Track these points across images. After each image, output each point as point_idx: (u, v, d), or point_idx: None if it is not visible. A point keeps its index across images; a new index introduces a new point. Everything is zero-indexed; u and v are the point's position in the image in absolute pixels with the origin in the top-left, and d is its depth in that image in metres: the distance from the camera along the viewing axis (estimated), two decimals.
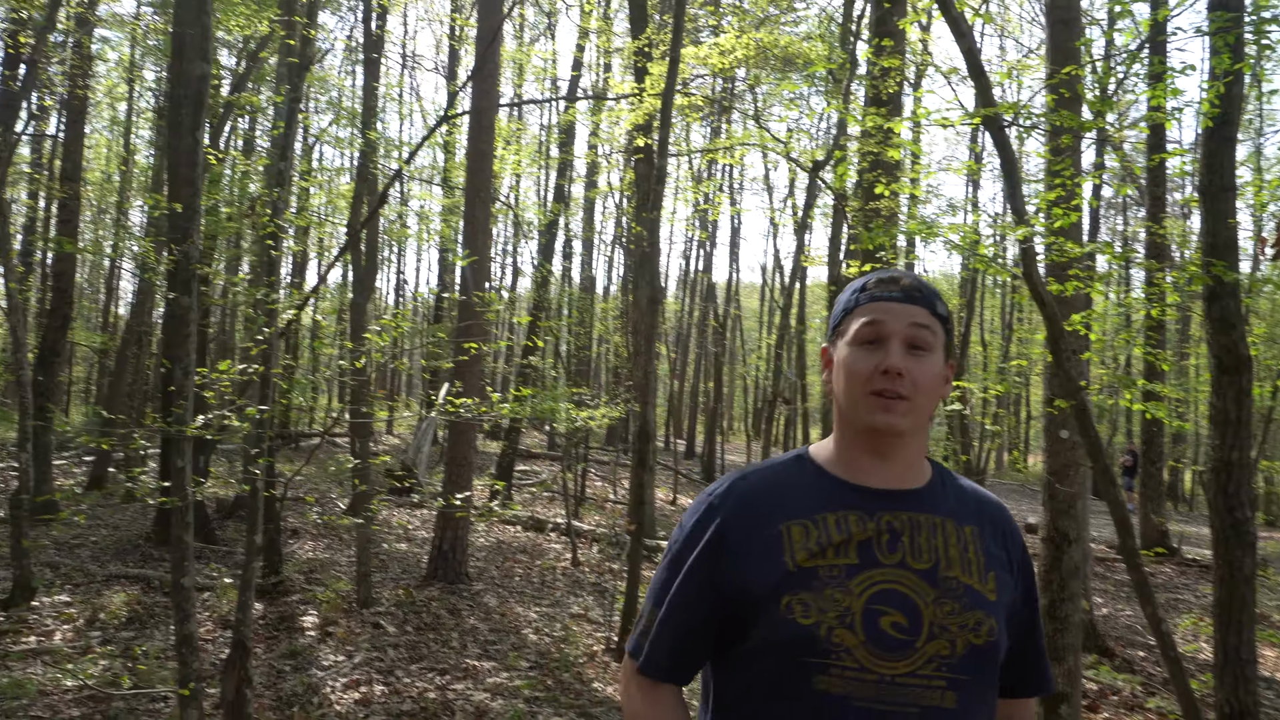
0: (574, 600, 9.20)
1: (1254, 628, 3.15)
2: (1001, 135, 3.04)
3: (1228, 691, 3.18)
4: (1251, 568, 3.16)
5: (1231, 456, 3.14)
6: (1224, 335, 3.17)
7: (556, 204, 18.24)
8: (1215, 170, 3.28)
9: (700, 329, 32.37)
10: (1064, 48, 4.61)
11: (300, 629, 7.54)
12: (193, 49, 3.70)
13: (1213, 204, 3.28)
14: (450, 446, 9.72)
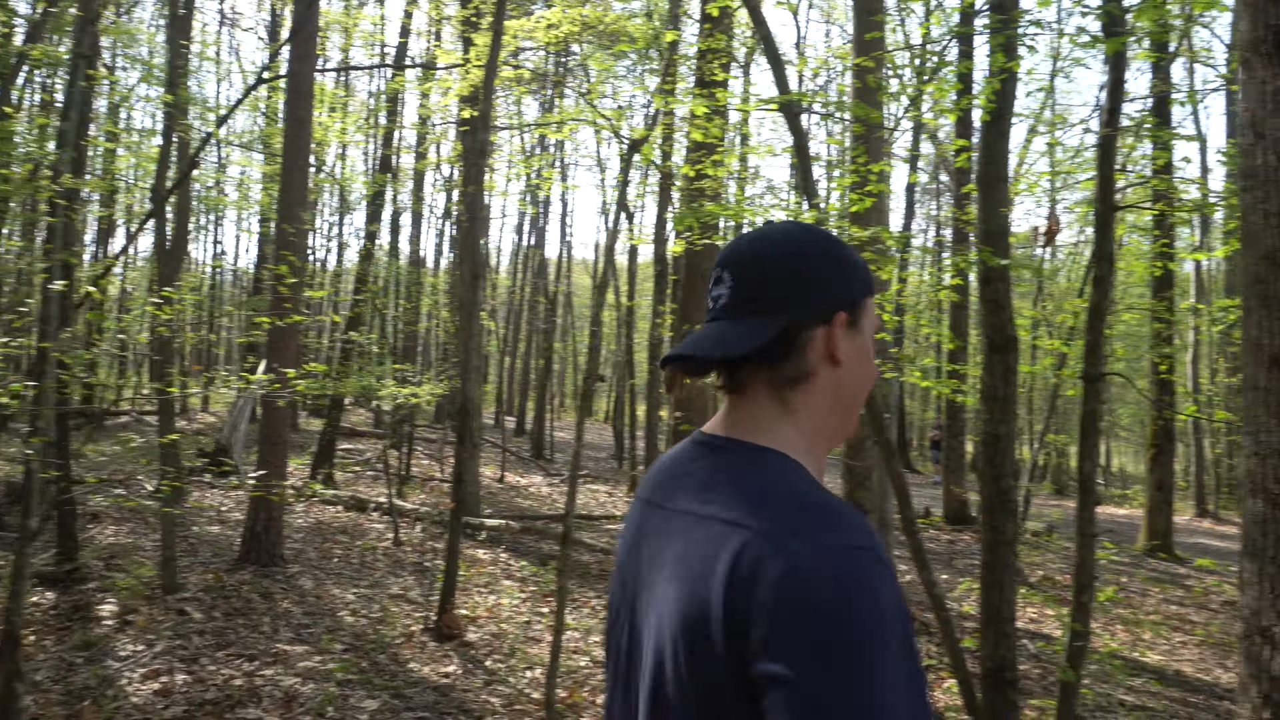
0: (394, 580, 9.06)
1: (1014, 588, 3.41)
2: (795, 121, 3.15)
3: (990, 647, 3.43)
4: (1013, 532, 3.41)
5: (999, 430, 3.38)
6: (994, 316, 3.41)
7: (381, 174, 17.75)
8: (991, 161, 3.50)
9: (532, 306, 32.25)
10: (867, 40, 4.81)
11: (96, 619, 7.13)
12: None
13: (988, 193, 3.50)
14: (264, 424, 9.37)
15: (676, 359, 1.19)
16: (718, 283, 1.21)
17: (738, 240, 1.24)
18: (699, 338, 1.18)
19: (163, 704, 5.56)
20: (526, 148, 25.50)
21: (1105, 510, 21.44)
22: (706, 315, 1.23)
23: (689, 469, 1.20)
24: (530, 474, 19.24)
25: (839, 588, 0.93)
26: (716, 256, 1.26)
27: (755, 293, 1.18)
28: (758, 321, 1.16)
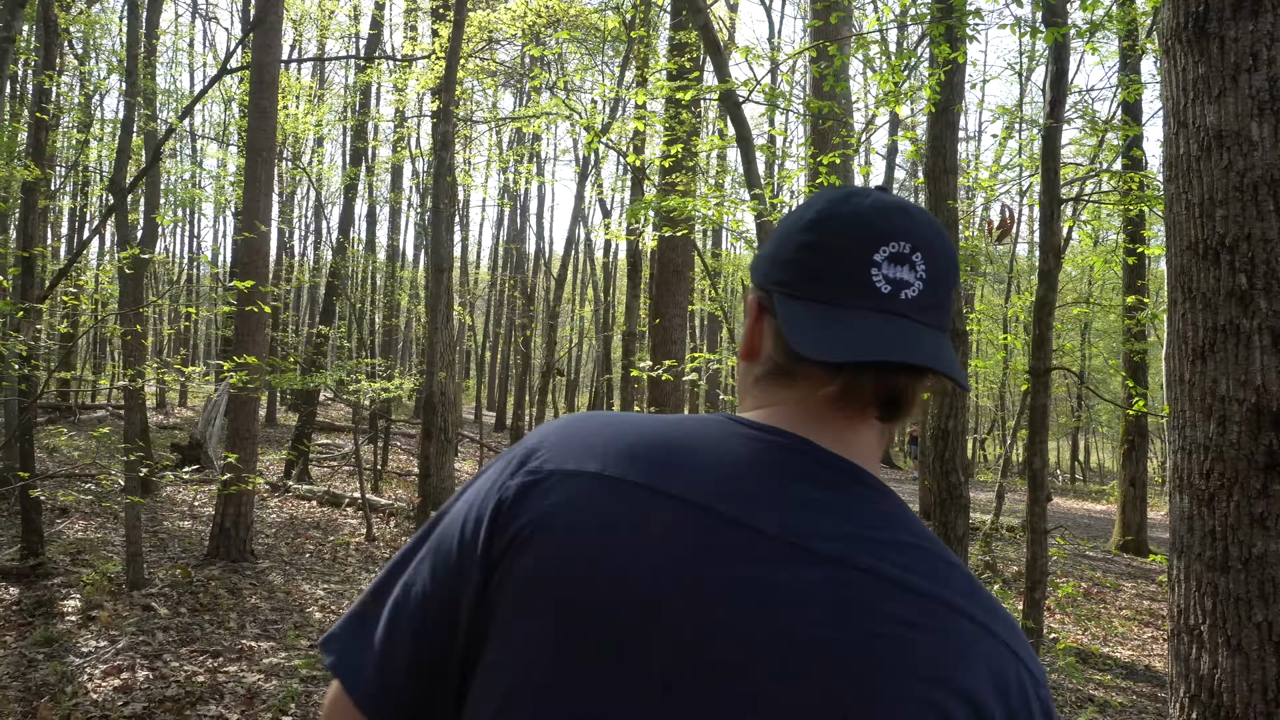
0: (365, 576, 9.02)
1: None
2: (737, 111, 3.15)
3: None
4: (964, 528, 3.42)
5: (947, 425, 3.40)
6: None
7: (354, 167, 17.67)
8: (939, 153, 3.51)
9: (511, 300, 32.20)
10: (821, 29, 4.81)
11: (59, 614, 7.08)
12: None
13: (935, 185, 3.50)
14: (233, 419, 9.32)
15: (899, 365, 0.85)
16: (899, 261, 0.88)
17: (909, 206, 0.92)
18: (915, 341, 0.86)
19: (122, 700, 5.52)
20: (503, 142, 25.44)
21: (1083, 506, 21.61)
22: (871, 300, 0.87)
23: (810, 493, 0.85)
24: None
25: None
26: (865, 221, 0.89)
27: (945, 299, 0.91)
28: (947, 339, 0.92)
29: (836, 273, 0.88)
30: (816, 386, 0.89)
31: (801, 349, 0.85)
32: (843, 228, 0.89)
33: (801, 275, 0.90)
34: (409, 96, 16.36)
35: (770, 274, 0.93)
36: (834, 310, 0.87)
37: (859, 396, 0.87)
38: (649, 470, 0.85)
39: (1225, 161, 2.07)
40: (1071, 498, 23.95)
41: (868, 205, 0.90)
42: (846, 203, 0.91)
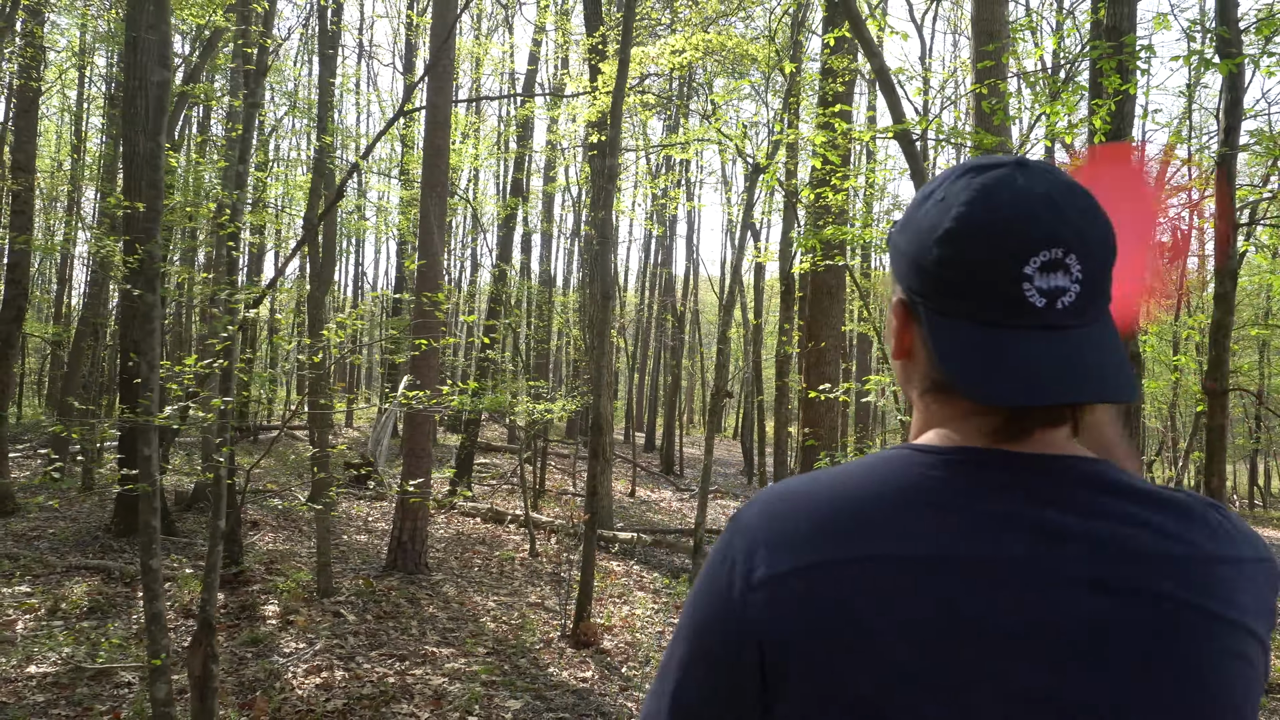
0: (531, 589, 9.42)
1: None
2: (911, 148, 3.30)
3: None
4: None
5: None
6: None
7: (514, 197, 18.40)
8: None
9: (659, 323, 32.63)
10: (984, 51, 4.90)
11: (261, 618, 7.69)
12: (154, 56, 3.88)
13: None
14: (407, 438, 9.89)
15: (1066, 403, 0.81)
16: (1052, 269, 0.81)
17: (1059, 199, 0.83)
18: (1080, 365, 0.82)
19: (324, 697, 6.00)
20: (653, 168, 25.94)
21: (1264, 532, 20.38)
22: (1026, 318, 0.82)
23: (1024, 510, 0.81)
24: (660, 489, 19.52)
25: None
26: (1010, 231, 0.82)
27: (1104, 286, 0.85)
28: (1109, 330, 0.87)
29: (983, 290, 0.83)
30: (979, 414, 0.86)
31: (966, 391, 0.82)
32: (984, 238, 0.82)
33: (945, 291, 0.85)
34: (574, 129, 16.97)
35: (912, 282, 0.89)
36: (986, 332, 0.83)
37: (1025, 432, 0.85)
38: (862, 541, 0.81)
39: None
40: (1252, 524, 22.56)
41: (1009, 207, 0.82)
42: (987, 202, 0.83)
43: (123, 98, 10.79)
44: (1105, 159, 1.12)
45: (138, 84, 10.35)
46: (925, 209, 0.88)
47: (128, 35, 10.53)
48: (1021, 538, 0.80)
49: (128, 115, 10.49)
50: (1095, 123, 3.52)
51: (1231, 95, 3.52)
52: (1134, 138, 3.65)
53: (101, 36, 19.46)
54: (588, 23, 13.66)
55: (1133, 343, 3.49)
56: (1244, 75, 3.42)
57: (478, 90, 27.15)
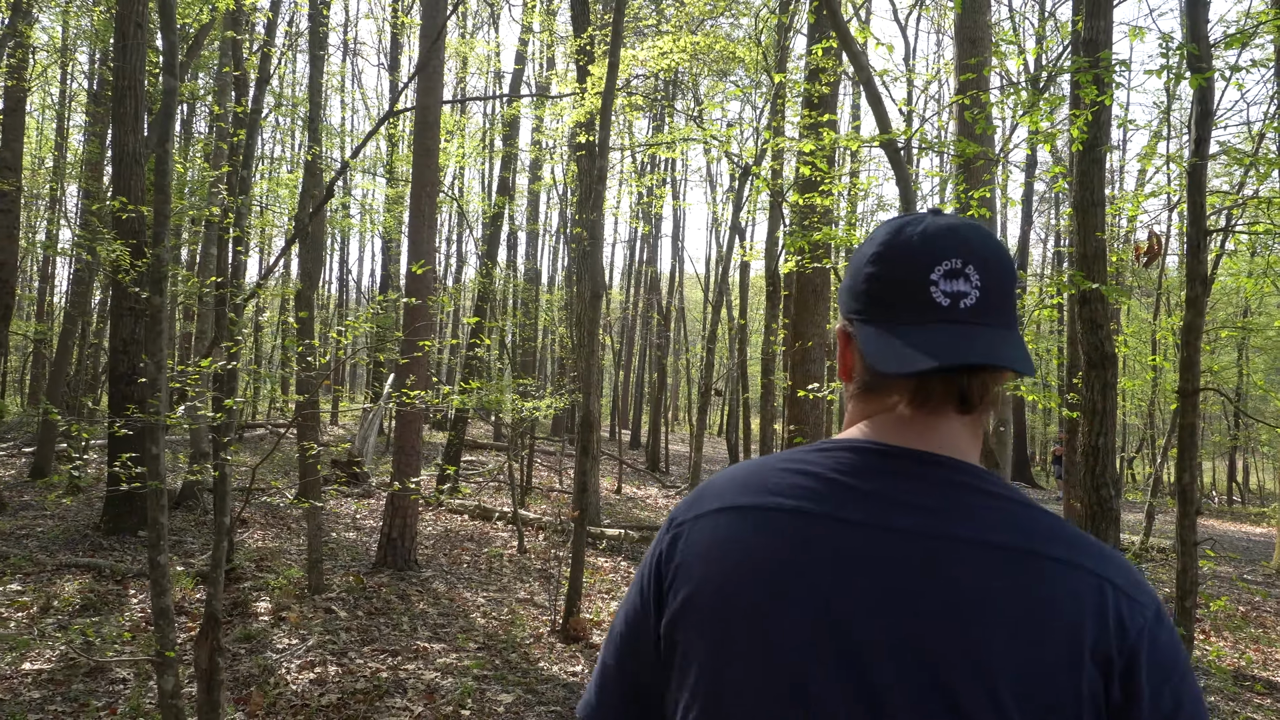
0: (520, 586, 9.52)
1: None
2: (896, 156, 3.42)
3: None
4: (1115, 541, 3.59)
5: (1098, 442, 3.58)
6: (1092, 335, 3.61)
7: (501, 196, 18.46)
8: (1086, 187, 3.71)
9: (645, 320, 32.75)
10: (968, 64, 5.03)
11: (254, 614, 7.77)
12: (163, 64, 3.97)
13: (1084, 217, 3.70)
14: (398, 436, 9.97)
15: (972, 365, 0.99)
16: (954, 276, 1.02)
17: (960, 225, 1.06)
18: (977, 343, 1.00)
19: (319, 691, 6.10)
20: (638, 166, 26.05)
21: (1241, 528, 20.65)
22: (934, 314, 1.02)
23: (904, 486, 1.02)
24: (646, 486, 19.64)
25: (1174, 635, 0.99)
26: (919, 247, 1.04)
27: (1003, 300, 1.05)
28: (1013, 334, 1.05)
29: (900, 296, 1.04)
30: (897, 395, 1.06)
31: (875, 365, 1.03)
32: (901, 256, 1.04)
33: (872, 303, 1.06)
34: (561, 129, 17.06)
35: (849, 305, 1.11)
36: (902, 329, 1.02)
37: (930, 398, 1.04)
38: (755, 494, 1.06)
39: None
40: (1229, 520, 22.90)
41: (919, 233, 1.05)
42: (901, 233, 1.06)
43: (111, 97, 10.81)
44: None
45: (127, 84, 10.39)
46: (859, 252, 1.13)
47: (117, 34, 10.56)
48: (862, 508, 1.01)
49: (117, 114, 10.52)
50: (1073, 132, 3.65)
51: (1201, 108, 3.66)
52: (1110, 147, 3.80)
53: (85, 33, 19.42)
54: (575, 23, 13.74)
55: (1108, 342, 3.63)
56: (1214, 89, 3.55)
57: (463, 88, 27.20)
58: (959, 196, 4.22)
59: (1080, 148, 3.67)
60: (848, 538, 0.99)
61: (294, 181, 22.34)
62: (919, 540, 0.97)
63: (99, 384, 18.09)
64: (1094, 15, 3.83)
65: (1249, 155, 5.47)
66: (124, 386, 10.00)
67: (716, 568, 1.04)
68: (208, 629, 3.53)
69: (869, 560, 0.98)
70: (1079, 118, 3.59)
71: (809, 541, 1.01)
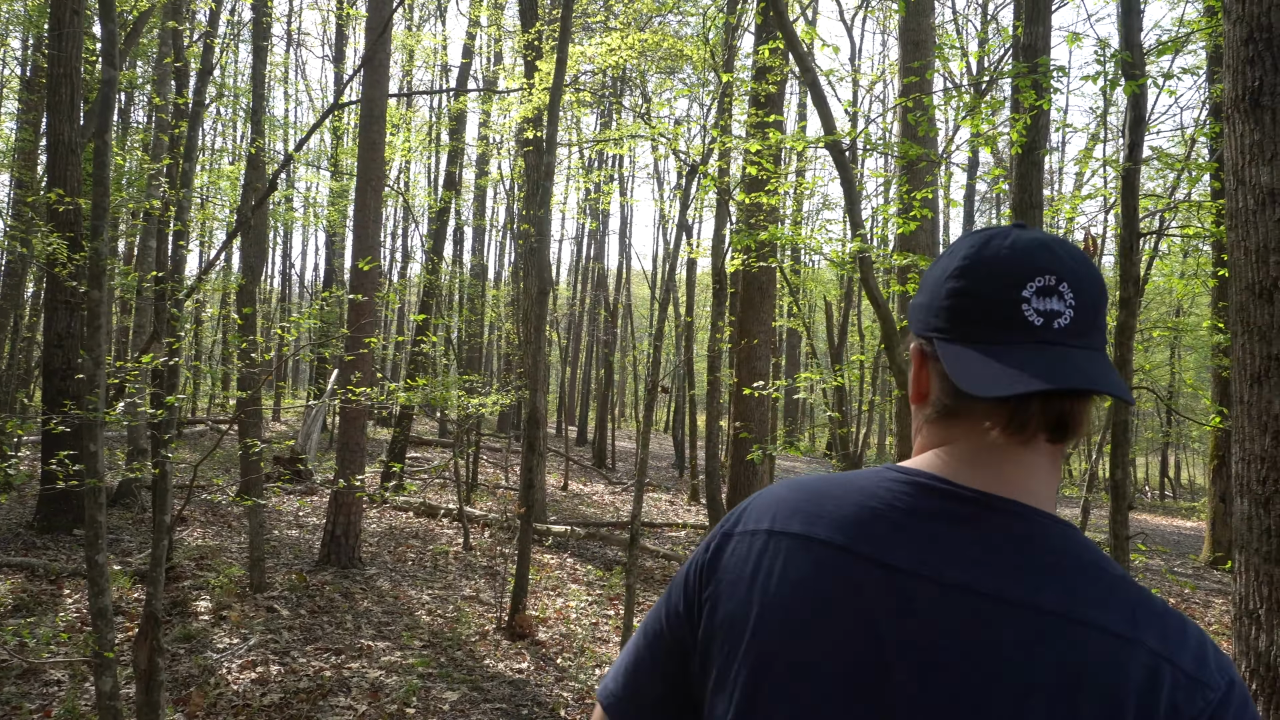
0: (466, 583, 9.48)
1: None
2: (841, 157, 3.48)
3: None
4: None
5: None
6: None
7: (448, 191, 18.33)
8: (1025, 189, 3.80)
9: (592, 317, 32.73)
10: (911, 68, 5.12)
11: (194, 613, 7.65)
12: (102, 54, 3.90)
13: (1023, 219, 3.80)
14: (342, 433, 9.87)
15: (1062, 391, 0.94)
16: (1047, 294, 0.96)
17: (1052, 241, 1.00)
18: (1075, 367, 0.94)
19: (260, 691, 6.03)
20: (586, 162, 26.02)
21: (1172, 522, 21.20)
22: (1027, 334, 0.96)
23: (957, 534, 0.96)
24: (593, 482, 19.64)
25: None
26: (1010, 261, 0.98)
27: (1097, 320, 1.00)
28: (1105, 357, 0.99)
29: (990, 313, 0.96)
30: (982, 421, 0.98)
31: (969, 388, 0.92)
32: (989, 271, 0.97)
33: (957, 320, 0.98)
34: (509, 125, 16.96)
35: (928, 322, 1.02)
36: (993, 348, 0.95)
37: (1026, 425, 0.95)
38: (804, 521, 1.02)
39: (1277, 215, 2.38)
40: (1161, 514, 23.50)
41: (1008, 246, 0.98)
42: (989, 246, 0.99)
43: (46, 85, 10.55)
44: None
45: (63, 71, 10.15)
46: (937, 266, 1.06)
47: (52, 20, 10.31)
48: (911, 553, 0.95)
49: (52, 103, 10.27)
50: (1013, 135, 3.74)
51: (1135, 113, 3.79)
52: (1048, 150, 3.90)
53: (18, 19, 18.89)
54: (523, 18, 13.69)
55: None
56: (1147, 95, 3.68)
57: (409, 82, 26.93)
58: (902, 197, 4.31)
59: (1020, 151, 3.76)
60: (887, 585, 0.94)
61: (235, 173, 21.99)
62: (964, 597, 0.91)
63: (32, 379, 17.63)
64: (1033, 21, 3.92)
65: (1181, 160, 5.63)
66: (59, 381, 9.78)
67: (758, 593, 1.01)
68: (147, 629, 3.48)
69: (908, 613, 0.92)
70: (1018, 121, 3.68)
71: (848, 583, 0.96)
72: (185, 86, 11.66)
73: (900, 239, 4.87)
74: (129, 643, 6.47)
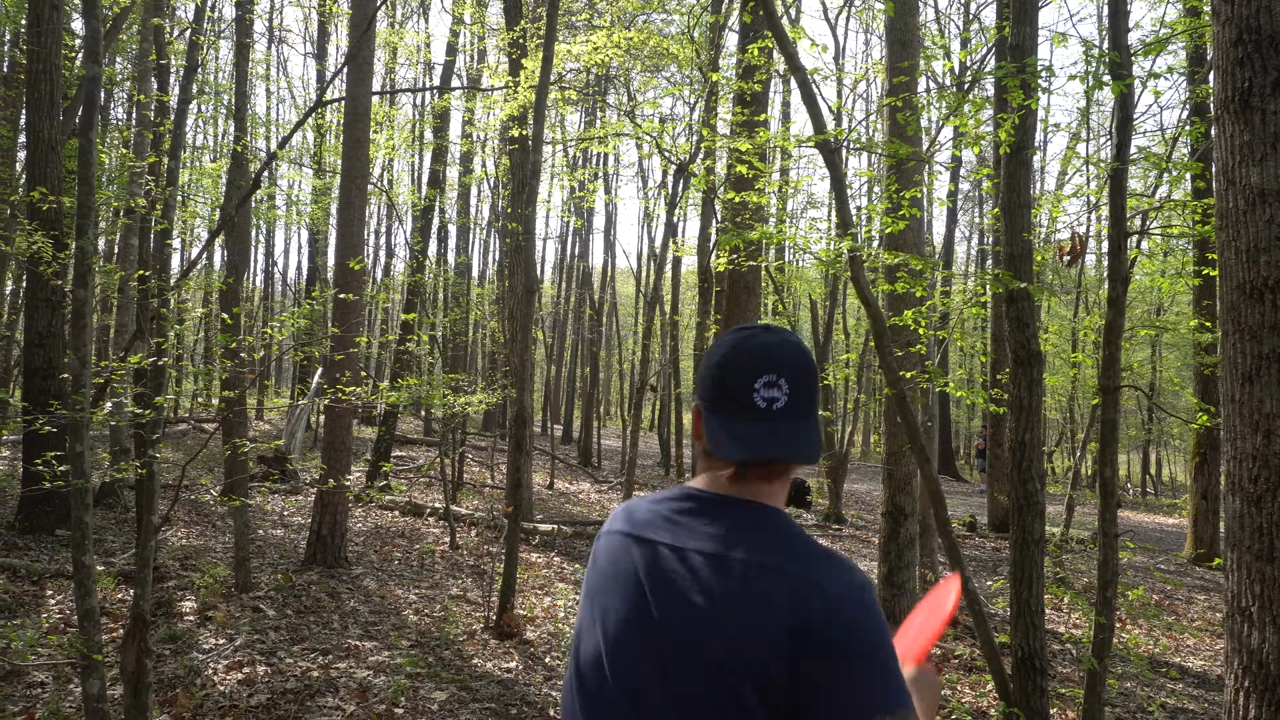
0: (453, 582, 9.46)
1: (1042, 584, 3.72)
2: (831, 157, 3.49)
3: (1020, 638, 3.74)
4: (1040, 533, 3.71)
5: (1024, 437, 3.69)
6: (1019, 333, 3.73)
7: (432, 189, 18.27)
8: (1014, 189, 3.82)
9: (577, 315, 32.68)
10: (899, 67, 5.13)
11: (179, 614, 7.60)
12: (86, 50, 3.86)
13: (1011, 218, 3.81)
14: (328, 432, 9.83)
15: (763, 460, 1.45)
16: (771, 385, 1.43)
17: (781, 344, 1.47)
18: (779, 440, 1.42)
19: (247, 692, 5.99)
20: (570, 160, 25.98)
21: (1154, 519, 21.34)
22: (753, 413, 1.43)
23: (687, 519, 1.49)
24: (579, 481, 19.62)
25: (872, 620, 1.35)
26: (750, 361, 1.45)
27: (809, 400, 1.46)
28: (812, 426, 1.47)
29: (734, 398, 1.44)
30: (726, 469, 1.50)
31: (713, 452, 1.45)
32: (734, 368, 1.46)
33: (715, 397, 1.47)
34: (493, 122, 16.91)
35: (702, 393, 1.52)
36: (732, 421, 1.44)
37: (745, 476, 1.48)
38: (624, 523, 1.58)
39: (1267, 216, 2.39)
40: (1143, 511, 23.66)
41: (751, 349, 1.47)
42: (741, 346, 1.48)
43: (25, 81, 10.46)
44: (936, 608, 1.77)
45: (42, 68, 10.05)
46: (711, 354, 1.53)
47: (31, 15, 10.21)
48: (670, 536, 1.49)
49: (31, 100, 10.17)
50: (1001, 135, 3.76)
51: (1122, 113, 3.81)
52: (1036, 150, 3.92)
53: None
54: (507, 15, 13.64)
55: (1034, 340, 3.74)
56: (1134, 95, 3.70)
57: (392, 79, 26.83)
58: (891, 196, 4.33)
59: (1008, 150, 3.77)
60: (648, 553, 1.49)
61: (217, 171, 21.85)
62: (695, 556, 1.43)
63: (11, 377, 17.48)
64: (1020, 21, 3.93)
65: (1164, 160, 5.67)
66: (40, 380, 9.69)
67: (598, 568, 1.59)
68: (135, 630, 3.45)
69: (656, 569, 1.46)
70: (1006, 121, 3.70)
71: (627, 555, 1.52)
72: (166, 83, 11.58)
73: (888, 238, 4.89)
74: (114, 644, 6.43)
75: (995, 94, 4.23)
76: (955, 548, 3.78)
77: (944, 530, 3.77)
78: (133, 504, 10.64)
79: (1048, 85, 3.51)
